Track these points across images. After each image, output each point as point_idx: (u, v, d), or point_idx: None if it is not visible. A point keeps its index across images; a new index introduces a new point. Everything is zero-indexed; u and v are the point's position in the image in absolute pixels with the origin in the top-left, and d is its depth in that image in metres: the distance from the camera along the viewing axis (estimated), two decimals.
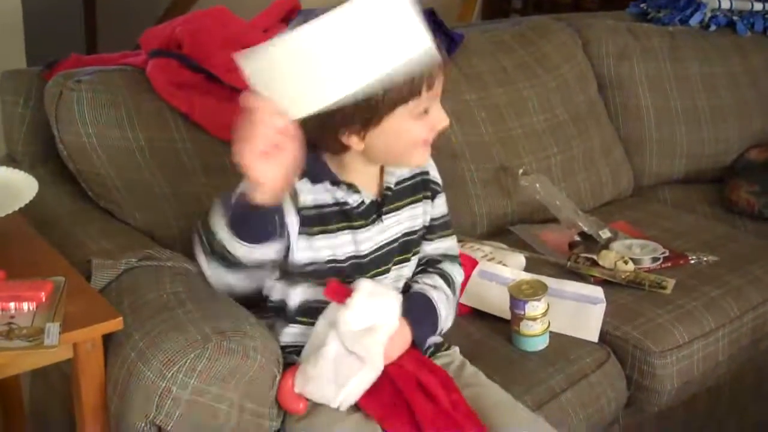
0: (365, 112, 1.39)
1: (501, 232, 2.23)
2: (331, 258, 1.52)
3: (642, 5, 2.88)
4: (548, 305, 1.76)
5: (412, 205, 1.60)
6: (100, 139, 1.79)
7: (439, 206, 1.66)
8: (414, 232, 1.61)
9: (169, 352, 1.36)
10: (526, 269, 2.03)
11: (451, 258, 1.68)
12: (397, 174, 1.57)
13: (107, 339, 1.42)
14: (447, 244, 1.68)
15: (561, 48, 2.52)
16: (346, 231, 1.52)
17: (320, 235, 1.50)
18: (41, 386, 1.66)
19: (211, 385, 1.36)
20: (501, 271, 1.98)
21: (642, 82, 2.61)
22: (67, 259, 1.54)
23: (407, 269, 1.62)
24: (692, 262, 2.12)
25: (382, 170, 1.56)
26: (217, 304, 1.50)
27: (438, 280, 1.62)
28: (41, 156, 1.90)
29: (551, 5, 4.18)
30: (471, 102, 2.28)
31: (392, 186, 1.56)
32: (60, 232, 1.70)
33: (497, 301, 1.84)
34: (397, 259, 1.59)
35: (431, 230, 1.65)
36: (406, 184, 1.59)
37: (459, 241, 1.77)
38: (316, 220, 1.50)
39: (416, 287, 1.60)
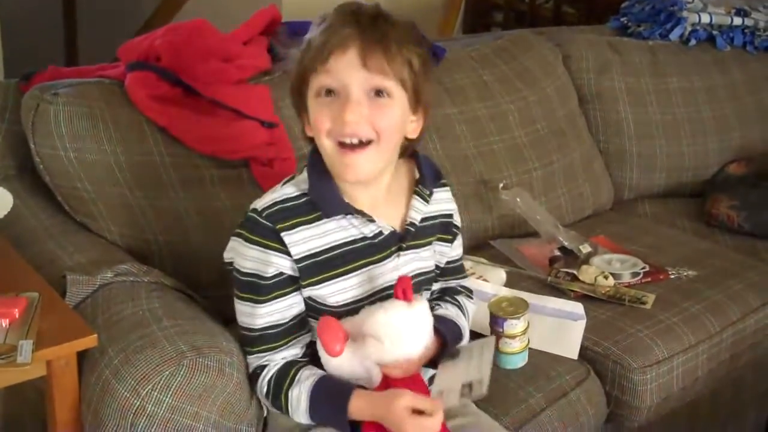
0: (296, 79, 1.41)
1: (481, 246, 2.22)
2: (338, 303, 1.45)
3: (622, 19, 2.89)
4: (528, 323, 1.76)
5: (430, 246, 1.55)
6: (77, 152, 1.77)
7: (456, 248, 1.62)
8: (427, 272, 1.55)
9: (144, 369, 1.35)
10: (507, 284, 2.03)
11: (468, 292, 1.66)
12: (423, 211, 1.51)
13: (81, 356, 1.40)
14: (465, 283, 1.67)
15: (542, 62, 2.52)
16: (352, 274, 1.45)
17: (324, 283, 1.44)
18: (15, 401, 1.63)
19: (187, 402, 1.35)
20: (482, 286, 1.96)
21: (622, 96, 2.61)
22: (42, 274, 1.53)
23: None
24: (672, 277, 2.12)
25: (407, 204, 1.50)
26: (194, 320, 1.49)
27: (458, 312, 1.59)
28: (17, 168, 1.87)
29: (532, 18, 4.20)
30: (452, 116, 2.28)
31: (417, 222, 1.50)
32: (35, 246, 1.68)
33: (478, 317, 1.83)
34: None
35: (445, 272, 1.61)
36: (427, 223, 1.53)
37: None
38: (315, 270, 1.43)
39: (445, 314, 1.56)
